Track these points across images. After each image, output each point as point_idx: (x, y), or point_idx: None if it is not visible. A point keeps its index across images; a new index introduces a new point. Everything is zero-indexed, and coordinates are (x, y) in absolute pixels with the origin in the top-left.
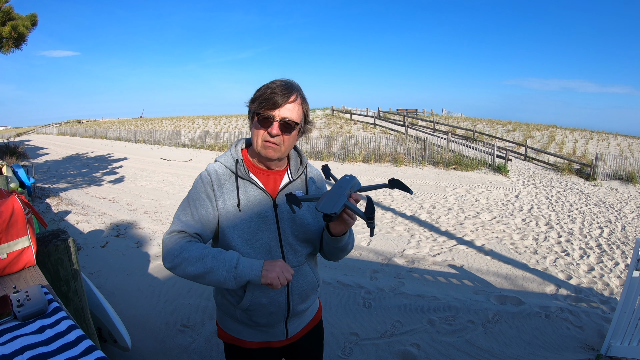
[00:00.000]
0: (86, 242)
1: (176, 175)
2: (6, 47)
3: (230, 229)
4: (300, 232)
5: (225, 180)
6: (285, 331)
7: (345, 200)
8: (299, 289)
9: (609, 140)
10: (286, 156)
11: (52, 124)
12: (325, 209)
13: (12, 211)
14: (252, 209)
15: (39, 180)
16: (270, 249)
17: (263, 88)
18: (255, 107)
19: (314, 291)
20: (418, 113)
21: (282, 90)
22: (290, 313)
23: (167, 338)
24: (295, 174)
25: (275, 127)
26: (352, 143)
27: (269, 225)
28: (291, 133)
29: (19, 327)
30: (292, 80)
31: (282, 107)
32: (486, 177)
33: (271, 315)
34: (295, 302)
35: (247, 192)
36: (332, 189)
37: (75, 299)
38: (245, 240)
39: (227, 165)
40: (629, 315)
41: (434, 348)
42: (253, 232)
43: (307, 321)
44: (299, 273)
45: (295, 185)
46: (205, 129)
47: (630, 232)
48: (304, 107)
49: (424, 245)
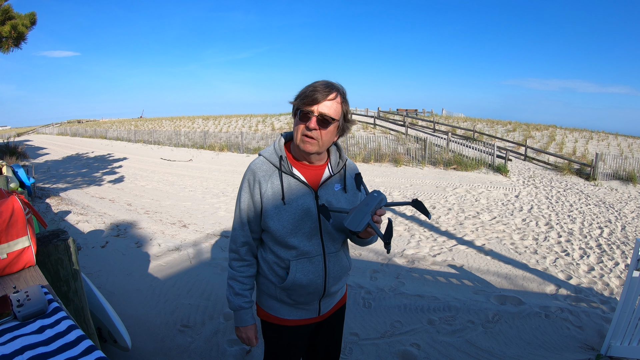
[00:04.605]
0: (86, 242)
1: (176, 175)
2: (6, 46)
3: (275, 221)
4: (338, 223)
5: (270, 175)
6: (318, 309)
7: (369, 219)
8: (335, 273)
9: (609, 140)
10: (326, 151)
11: (52, 124)
12: (351, 227)
13: (12, 211)
14: (296, 201)
15: (39, 180)
16: (312, 236)
17: (306, 87)
18: (297, 103)
19: (346, 274)
20: (418, 113)
21: (323, 88)
22: (326, 293)
23: (167, 338)
24: (336, 169)
25: (313, 122)
26: (352, 143)
27: (311, 216)
28: (328, 128)
29: (19, 327)
30: (335, 82)
31: (321, 103)
32: (486, 177)
33: (309, 295)
34: (330, 284)
35: (291, 186)
36: (359, 205)
37: (75, 299)
38: (289, 230)
39: (272, 160)
40: (629, 315)
41: (434, 348)
42: (297, 222)
43: (336, 301)
44: (336, 258)
45: (335, 179)
46: (205, 129)
47: (630, 232)
48: (344, 107)
49: (424, 245)
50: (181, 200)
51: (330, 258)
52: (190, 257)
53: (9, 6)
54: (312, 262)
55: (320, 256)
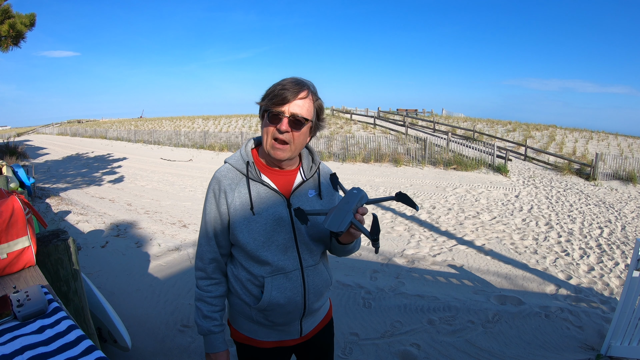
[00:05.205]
0: (86, 242)
1: (176, 175)
2: (5, 45)
3: (245, 234)
4: (315, 232)
5: (237, 183)
6: (299, 329)
7: (351, 217)
8: (315, 288)
9: (609, 140)
10: (298, 155)
11: (52, 124)
12: (331, 227)
13: (12, 211)
14: (266, 211)
15: (39, 180)
16: (287, 249)
17: (274, 85)
18: (265, 104)
19: (327, 289)
20: (418, 113)
21: (293, 86)
22: (306, 311)
23: (167, 338)
24: (308, 173)
25: (284, 123)
26: (352, 143)
27: (284, 226)
28: (301, 130)
29: (19, 327)
30: (303, 78)
31: (291, 102)
32: (486, 177)
33: (288, 315)
34: (311, 301)
35: (261, 194)
36: (339, 204)
37: (75, 299)
38: (260, 243)
39: (238, 167)
40: (629, 315)
41: (434, 348)
42: (269, 234)
43: (320, 319)
44: (315, 272)
45: (309, 185)
46: (205, 129)
47: (630, 232)
48: (316, 104)
49: (424, 245)
50: (181, 200)
51: (309, 272)
52: (190, 257)
53: (9, 6)
54: (288, 277)
55: (297, 270)
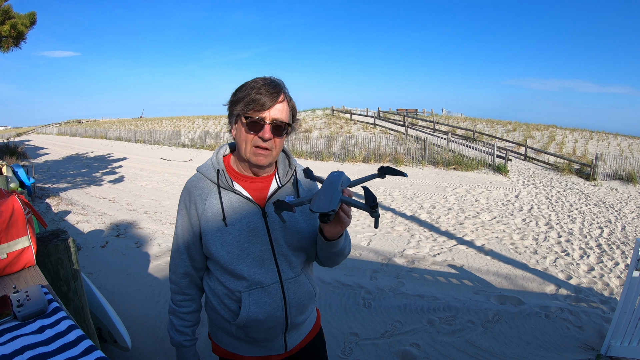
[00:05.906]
0: (86, 242)
1: (176, 175)
2: (5, 45)
3: (218, 246)
4: (294, 241)
5: (207, 193)
6: (284, 345)
7: (340, 195)
8: (297, 301)
9: (609, 140)
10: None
11: (52, 124)
12: (321, 208)
13: (12, 211)
14: (240, 221)
15: (39, 180)
16: (264, 261)
17: (246, 88)
18: (241, 110)
19: (311, 301)
20: (418, 113)
21: (269, 89)
22: (289, 326)
23: (167, 338)
24: (284, 179)
25: (267, 131)
26: (352, 143)
27: (259, 237)
28: (282, 135)
29: (19, 327)
30: (274, 77)
31: (271, 108)
32: (486, 177)
33: (269, 330)
34: (293, 315)
35: (233, 203)
36: (322, 187)
37: (75, 299)
38: (235, 256)
39: (208, 176)
40: (629, 315)
41: (434, 348)
42: (243, 246)
43: (307, 332)
44: (296, 285)
45: (285, 191)
46: (205, 129)
47: (630, 232)
48: (291, 105)
49: (424, 245)
50: None
51: (289, 285)
52: None
53: (9, 6)
54: (267, 292)
55: (276, 284)
